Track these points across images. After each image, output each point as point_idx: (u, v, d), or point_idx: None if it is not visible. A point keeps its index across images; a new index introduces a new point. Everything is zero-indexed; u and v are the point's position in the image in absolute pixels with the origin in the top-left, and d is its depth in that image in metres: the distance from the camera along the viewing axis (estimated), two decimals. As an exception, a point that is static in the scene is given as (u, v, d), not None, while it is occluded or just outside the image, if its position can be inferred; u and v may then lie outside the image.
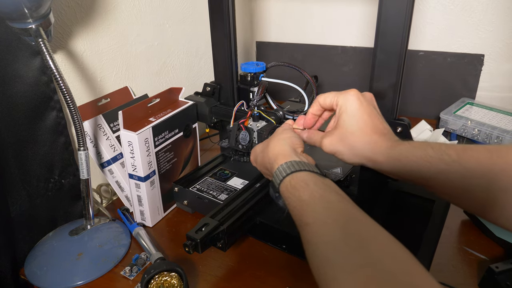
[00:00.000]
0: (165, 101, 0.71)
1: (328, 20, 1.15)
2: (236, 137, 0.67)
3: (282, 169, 0.45)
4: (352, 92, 0.49)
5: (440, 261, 0.58)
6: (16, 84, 0.58)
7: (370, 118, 0.48)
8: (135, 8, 0.81)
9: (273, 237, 0.63)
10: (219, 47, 0.75)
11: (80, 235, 0.64)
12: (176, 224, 0.71)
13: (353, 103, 0.48)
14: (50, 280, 0.57)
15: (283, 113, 0.70)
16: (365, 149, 0.47)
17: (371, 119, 0.48)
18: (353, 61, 1.15)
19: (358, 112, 0.48)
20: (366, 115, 0.48)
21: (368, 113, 0.48)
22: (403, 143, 0.46)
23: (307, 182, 0.42)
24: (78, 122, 0.57)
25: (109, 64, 0.77)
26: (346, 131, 0.49)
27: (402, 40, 0.55)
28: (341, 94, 0.50)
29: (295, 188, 0.42)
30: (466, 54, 1.02)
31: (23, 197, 0.62)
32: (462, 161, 0.40)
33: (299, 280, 0.56)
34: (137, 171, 0.64)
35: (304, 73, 0.69)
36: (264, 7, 1.23)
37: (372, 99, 0.51)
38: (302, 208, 0.40)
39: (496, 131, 0.89)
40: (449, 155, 0.41)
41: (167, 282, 0.52)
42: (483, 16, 0.98)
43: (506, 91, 1.02)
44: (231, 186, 0.70)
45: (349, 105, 0.49)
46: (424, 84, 1.09)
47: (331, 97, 0.51)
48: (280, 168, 0.45)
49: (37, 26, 0.51)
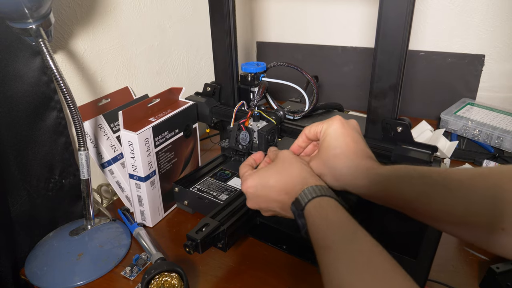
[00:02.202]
0: (165, 101, 0.71)
1: (328, 20, 1.15)
2: (236, 137, 0.67)
3: (312, 189, 0.45)
4: (336, 118, 0.51)
5: (440, 261, 0.58)
6: (16, 84, 0.58)
7: (353, 142, 0.49)
8: (136, 8, 0.81)
9: (273, 238, 0.63)
10: (220, 47, 0.75)
11: (80, 235, 0.64)
12: (176, 225, 0.71)
13: (336, 128, 0.49)
14: (51, 280, 0.57)
15: (283, 113, 0.70)
16: (346, 173, 0.48)
17: (354, 143, 0.49)
18: (354, 62, 1.15)
19: (340, 136, 0.49)
20: (349, 139, 0.49)
21: (351, 137, 0.49)
22: (386, 167, 0.46)
23: (337, 207, 0.43)
24: (79, 122, 0.57)
25: (109, 64, 0.77)
26: (329, 154, 0.49)
27: (402, 40, 0.55)
28: (325, 122, 0.51)
29: (323, 208, 0.43)
30: (467, 54, 1.02)
31: (23, 197, 0.62)
32: (445, 182, 0.40)
33: (299, 280, 0.56)
34: (138, 171, 0.64)
35: (305, 73, 0.69)
36: (265, 7, 1.23)
37: (357, 125, 0.52)
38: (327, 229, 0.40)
39: (497, 131, 0.89)
40: (431, 177, 0.41)
41: (168, 282, 0.52)
42: (483, 16, 0.98)
43: (507, 91, 1.02)
44: (231, 186, 0.70)
45: (332, 130, 0.50)
46: (424, 85, 1.09)
47: (315, 127, 0.52)
48: (310, 188, 0.45)
49: (37, 26, 0.51)
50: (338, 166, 0.48)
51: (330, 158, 0.49)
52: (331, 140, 0.49)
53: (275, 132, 0.67)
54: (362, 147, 0.49)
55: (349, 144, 0.48)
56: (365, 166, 0.47)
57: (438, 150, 0.58)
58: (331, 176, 0.49)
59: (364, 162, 0.48)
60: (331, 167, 0.49)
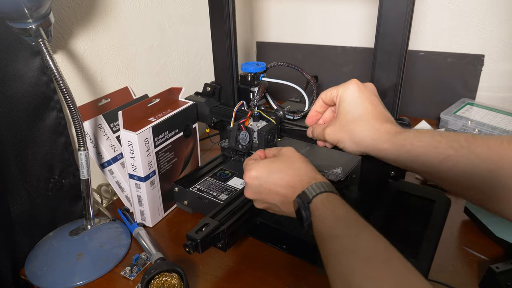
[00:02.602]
0: (165, 101, 0.71)
1: (328, 20, 1.15)
2: (236, 137, 0.67)
3: (320, 185, 0.45)
4: (353, 81, 0.49)
5: (440, 261, 0.58)
6: (16, 84, 0.58)
7: (372, 105, 0.47)
8: (136, 8, 0.81)
9: (273, 237, 0.63)
10: (220, 47, 0.75)
11: (80, 235, 0.64)
12: (176, 224, 0.71)
13: (352, 91, 0.48)
14: (50, 280, 0.57)
15: (283, 113, 0.70)
16: (366, 137, 0.46)
17: (372, 106, 0.47)
18: (353, 62, 1.15)
19: (358, 100, 0.47)
20: (367, 102, 0.47)
21: (369, 100, 0.47)
22: (409, 130, 0.45)
23: (343, 203, 0.43)
24: (78, 122, 0.57)
25: (109, 64, 0.77)
26: (346, 119, 0.48)
27: (402, 40, 0.55)
28: (341, 86, 0.49)
29: (331, 203, 0.42)
30: (467, 54, 1.02)
31: (23, 197, 0.62)
32: (472, 147, 0.39)
33: (299, 280, 0.56)
34: (137, 171, 0.64)
35: (305, 73, 0.69)
36: (265, 7, 1.23)
37: (374, 89, 0.50)
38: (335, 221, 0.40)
39: (497, 131, 0.89)
40: (458, 141, 0.40)
41: (167, 282, 0.52)
42: (483, 16, 0.98)
43: (507, 91, 1.02)
44: (231, 186, 0.70)
45: (349, 93, 0.48)
46: (424, 85, 1.09)
47: (332, 91, 0.51)
48: (318, 184, 0.45)
49: (37, 26, 0.51)
50: (357, 130, 0.47)
51: (348, 123, 0.47)
52: (348, 104, 0.48)
53: (275, 132, 0.67)
54: (381, 110, 0.48)
55: (367, 107, 0.47)
56: (386, 130, 0.46)
57: (438, 150, 0.58)
58: (351, 141, 0.48)
59: (385, 125, 0.46)
60: (350, 132, 0.47)
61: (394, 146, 0.44)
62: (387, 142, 0.45)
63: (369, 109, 0.47)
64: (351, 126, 0.47)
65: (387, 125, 0.46)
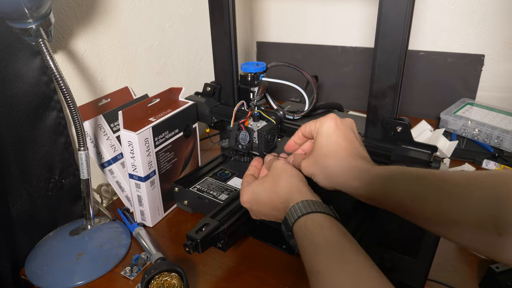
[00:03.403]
0: (165, 101, 0.71)
1: (328, 20, 1.16)
2: (236, 137, 0.67)
3: (297, 207, 0.44)
4: (331, 116, 0.49)
5: (440, 261, 0.58)
6: (16, 84, 0.58)
7: (346, 141, 0.47)
8: (136, 8, 0.81)
9: (273, 237, 0.63)
10: (220, 47, 0.75)
11: (80, 235, 0.64)
12: (176, 224, 0.71)
13: (328, 127, 0.48)
14: (51, 280, 0.58)
15: (283, 113, 0.70)
16: (337, 173, 0.46)
17: (347, 142, 0.47)
18: (353, 61, 1.15)
19: (333, 135, 0.48)
20: (341, 138, 0.47)
21: (344, 136, 0.48)
22: (380, 167, 0.45)
23: (322, 226, 0.42)
24: (79, 122, 0.57)
25: (109, 64, 0.77)
26: (320, 154, 0.48)
27: (402, 40, 0.55)
28: (319, 120, 0.50)
29: (309, 230, 0.42)
30: (467, 54, 1.02)
31: (23, 197, 0.62)
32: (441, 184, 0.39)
33: (299, 280, 0.56)
34: (137, 171, 0.64)
35: (305, 73, 0.69)
36: (264, 7, 1.23)
37: (352, 124, 0.51)
38: (315, 253, 0.40)
39: (497, 131, 0.89)
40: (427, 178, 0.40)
41: (167, 282, 0.52)
42: (483, 16, 0.98)
43: (507, 91, 1.02)
44: (231, 186, 0.70)
45: (325, 128, 0.48)
46: (424, 84, 1.09)
47: (311, 124, 0.51)
48: (296, 207, 0.44)
49: (37, 26, 0.51)
50: (329, 165, 0.47)
51: (321, 157, 0.48)
52: (323, 138, 0.48)
53: (275, 132, 0.67)
54: (355, 146, 0.48)
55: (341, 143, 0.47)
56: (357, 167, 0.46)
57: (438, 150, 0.58)
58: (323, 176, 0.48)
59: (356, 162, 0.46)
60: (322, 166, 0.48)
61: (365, 183, 0.44)
62: (357, 179, 0.45)
63: (343, 146, 0.47)
64: (324, 161, 0.47)
65: (358, 162, 0.46)
